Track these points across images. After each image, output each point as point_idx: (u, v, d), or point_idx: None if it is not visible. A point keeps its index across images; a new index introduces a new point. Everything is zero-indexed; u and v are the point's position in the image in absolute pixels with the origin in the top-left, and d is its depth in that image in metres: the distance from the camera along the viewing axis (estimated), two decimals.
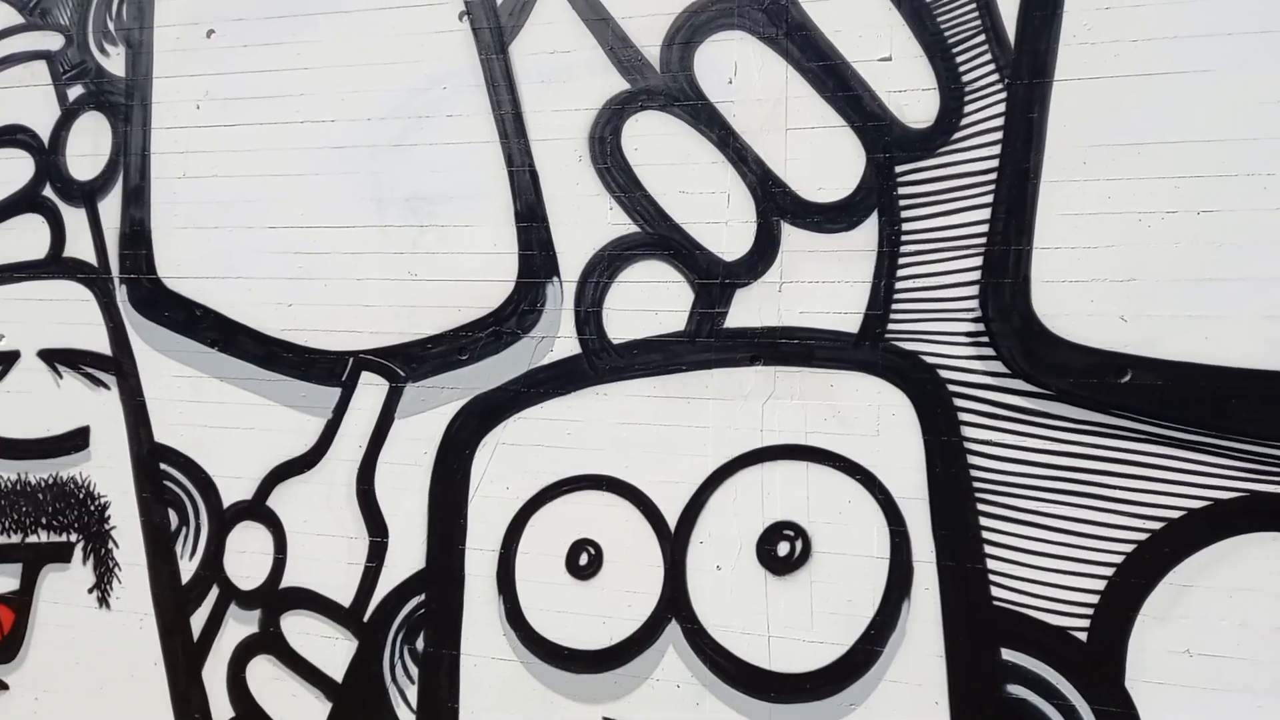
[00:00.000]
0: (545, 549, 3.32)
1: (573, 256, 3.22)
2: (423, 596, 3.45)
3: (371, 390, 3.49)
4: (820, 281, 2.97)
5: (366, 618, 3.51)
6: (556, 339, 3.24)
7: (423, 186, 3.38)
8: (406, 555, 3.47)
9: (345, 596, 3.54)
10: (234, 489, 3.66)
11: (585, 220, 3.20)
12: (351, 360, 3.51)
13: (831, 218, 2.94)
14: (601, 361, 3.21)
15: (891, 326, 2.91)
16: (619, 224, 3.16)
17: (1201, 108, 2.60)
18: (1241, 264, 2.60)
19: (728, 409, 3.09)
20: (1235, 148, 2.58)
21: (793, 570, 3.05)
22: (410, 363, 3.44)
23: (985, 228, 2.80)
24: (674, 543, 3.16)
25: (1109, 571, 2.75)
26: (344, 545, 3.54)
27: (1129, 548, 2.72)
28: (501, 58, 3.23)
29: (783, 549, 3.06)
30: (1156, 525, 2.70)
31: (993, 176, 2.78)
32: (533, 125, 3.22)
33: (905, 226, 2.88)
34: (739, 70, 2.98)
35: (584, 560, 3.27)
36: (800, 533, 3.04)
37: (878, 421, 2.95)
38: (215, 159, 3.66)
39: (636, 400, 3.19)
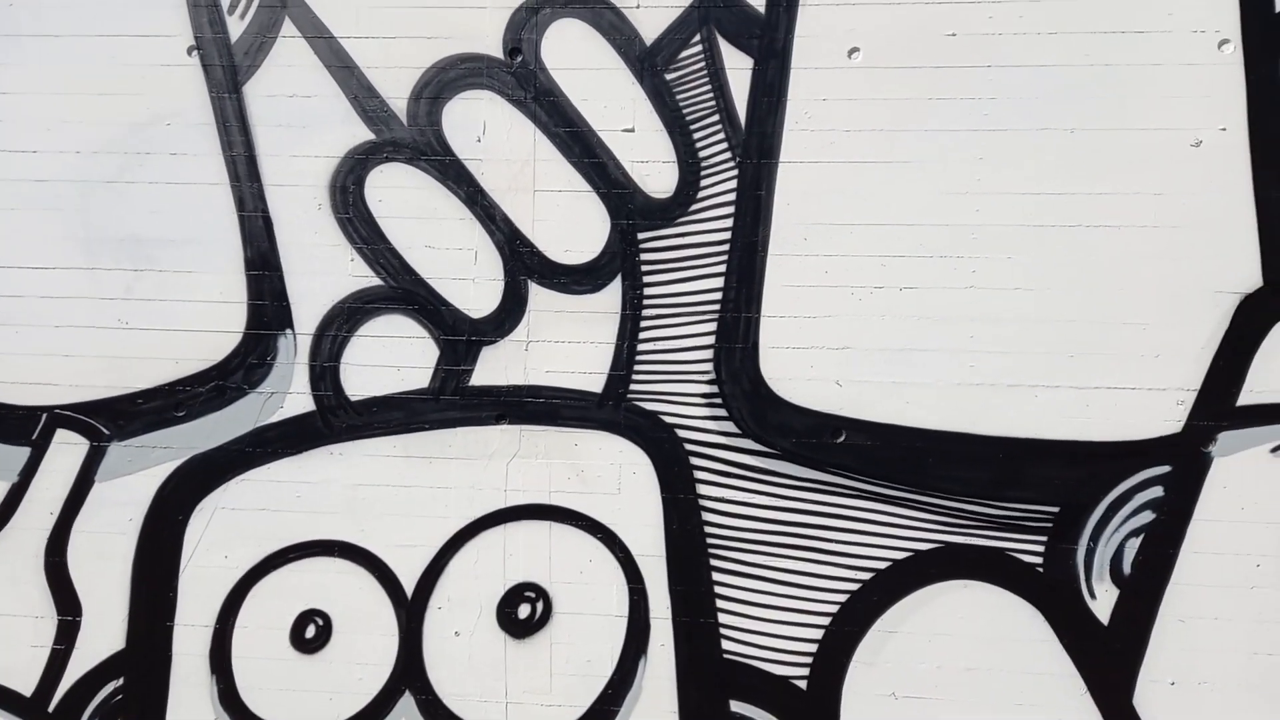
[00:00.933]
0: (267, 622, 3.02)
1: (309, 308, 2.99)
2: (121, 681, 3.02)
3: (67, 450, 3.05)
4: (566, 341, 2.95)
5: (52, 708, 3.03)
6: (288, 395, 2.99)
7: (141, 228, 3.04)
8: (103, 635, 3.04)
9: (27, 684, 3.04)
10: None
11: (324, 271, 2.99)
12: (45, 416, 3.06)
13: (577, 279, 2.94)
14: (338, 419, 2.99)
15: (634, 387, 2.93)
16: (360, 276, 2.98)
17: (903, 195, 2.84)
18: (936, 336, 2.84)
19: (471, 469, 2.97)
20: (930, 232, 2.83)
21: (533, 633, 2.95)
22: (117, 420, 3.04)
23: (719, 295, 2.89)
24: (410, 609, 2.97)
25: (826, 621, 2.87)
26: (29, 626, 3.05)
27: (843, 597, 2.87)
28: (235, 97, 2.99)
29: (523, 611, 2.95)
30: (866, 575, 2.86)
31: (726, 247, 2.89)
32: (268, 169, 2.99)
33: (647, 291, 2.92)
34: (488, 129, 2.93)
35: (311, 632, 3.00)
36: (541, 594, 2.95)
37: (619, 480, 2.94)
38: None
39: (375, 460, 3.00)
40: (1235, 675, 2.77)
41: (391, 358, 2.97)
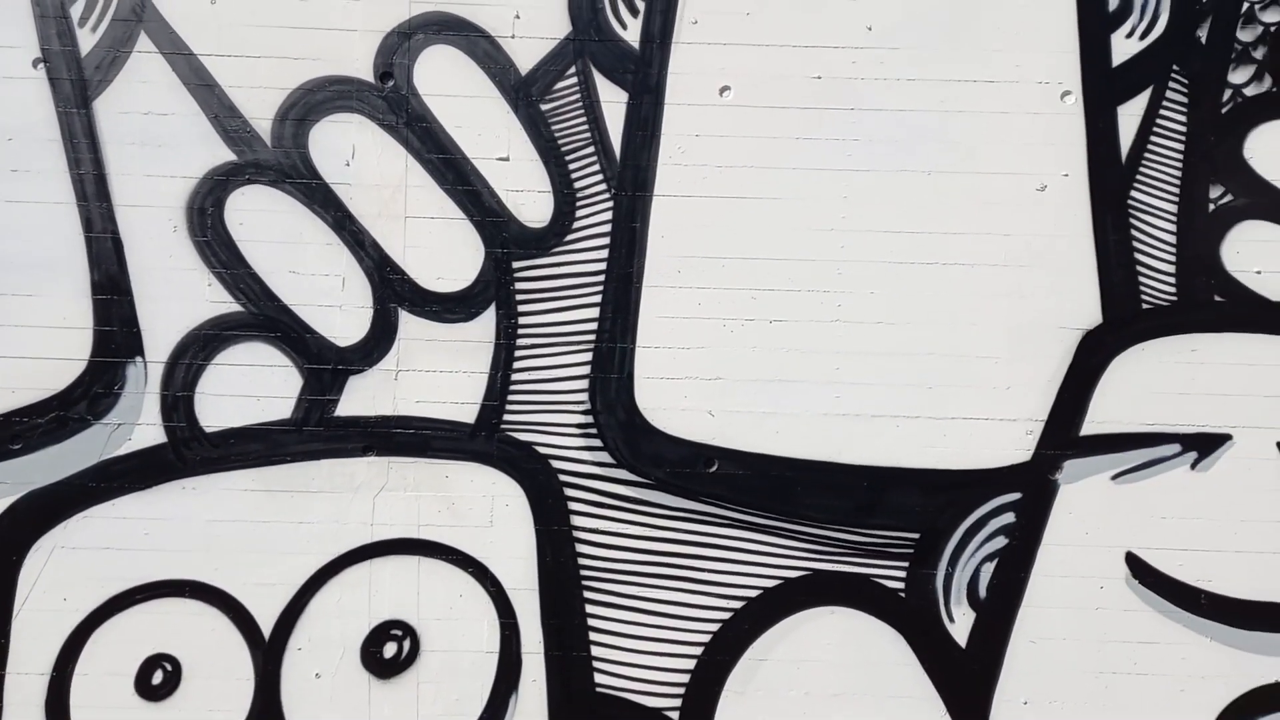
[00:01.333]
0: (110, 668, 2.80)
1: (161, 335, 2.81)
2: None
3: None
4: (438, 371, 2.86)
5: None
6: (136, 426, 2.80)
7: None
8: None
9: None
10: None
11: (178, 296, 2.82)
12: None
13: (450, 308, 2.86)
14: (191, 452, 2.81)
15: (507, 417, 2.86)
16: (219, 302, 2.82)
17: (773, 231, 2.89)
18: (804, 368, 2.88)
19: (336, 502, 2.84)
20: (799, 267, 2.89)
21: (399, 672, 2.83)
22: None
23: (595, 325, 2.87)
24: (268, 651, 2.80)
25: (698, 651, 2.86)
26: None
27: (715, 627, 2.86)
28: (84, 112, 2.80)
29: (389, 650, 2.83)
30: (738, 604, 2.86)
31: (601, 278, 2.87)
32: (119, 189, 2.81)
33: (522, 320, 2.86)
34: (357, 154, 2.84)
35: (158, 678, 2.79)
36: (409, 631, 2.83)
37: (491, 512, 2.86)
38: None
39: (232, 495, 2.83)
40: (1083, 694, 2.88)
41: (251, 387, 2.82)
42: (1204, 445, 2.85)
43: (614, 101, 2.86)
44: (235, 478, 2.83)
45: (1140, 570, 2.85)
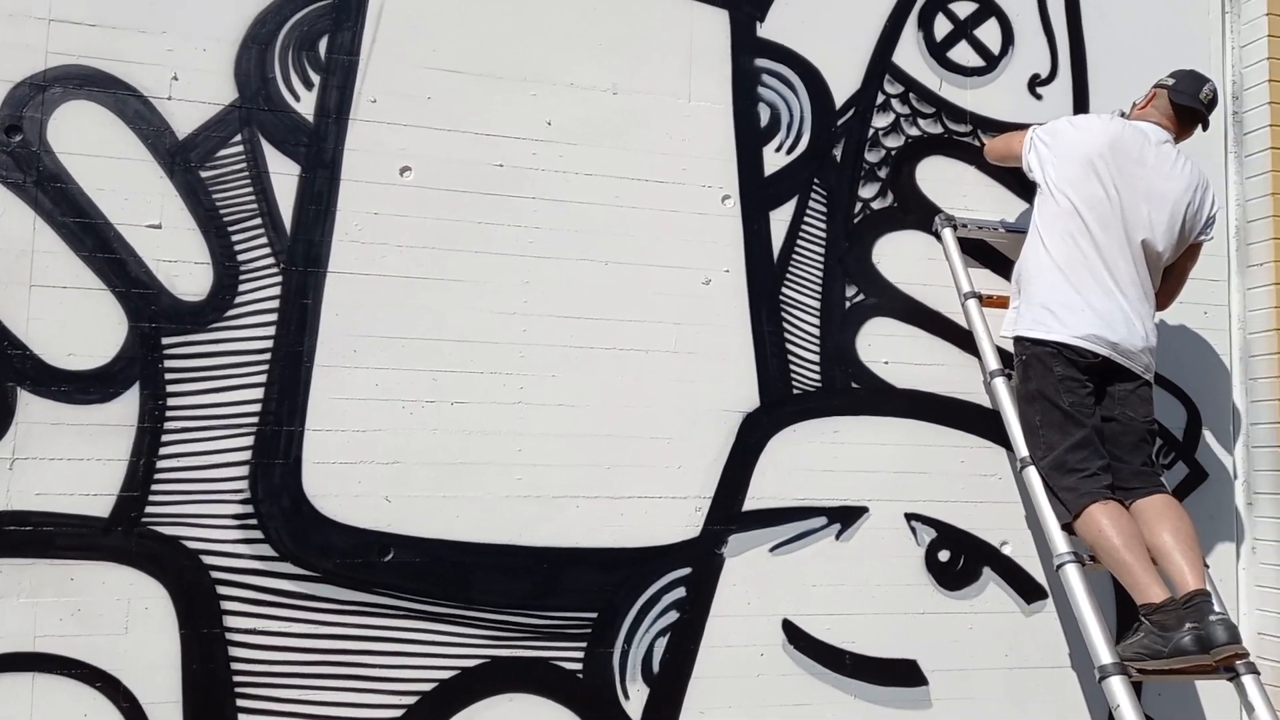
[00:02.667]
0: None
1: None
2: None
3: None
4: (65, 458, 2.46)
5: None
6: None
7: None
8: None
9: None
10: None
11: None
12: None
13: (83, 388, 2.48)
14: None
15: (150, 509, 2.51)
16: None
17: (455, 312, 2.80)
18: (485, 450, 2.78)
19: None
20: (481, 349, 2.81)
21: None
22: None
23: (258, 407, 2.61)
24: None
25: None
26: None
27: None
28: None
29: None
30: (412, 700, 2.65)
31: (267, 356, 2.63)
32: None
33: (171, 402, 2.54)
34: None
35: None
36: None
37: (127, 618, 2.47)
38: None
39: None
40: None
41: None
42: (846, 517, 3.07)
43: (285, 174, 2.67)
44: None
45: (795, 636, 2.99)
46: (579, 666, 2.80)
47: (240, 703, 2.53)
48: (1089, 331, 2.72)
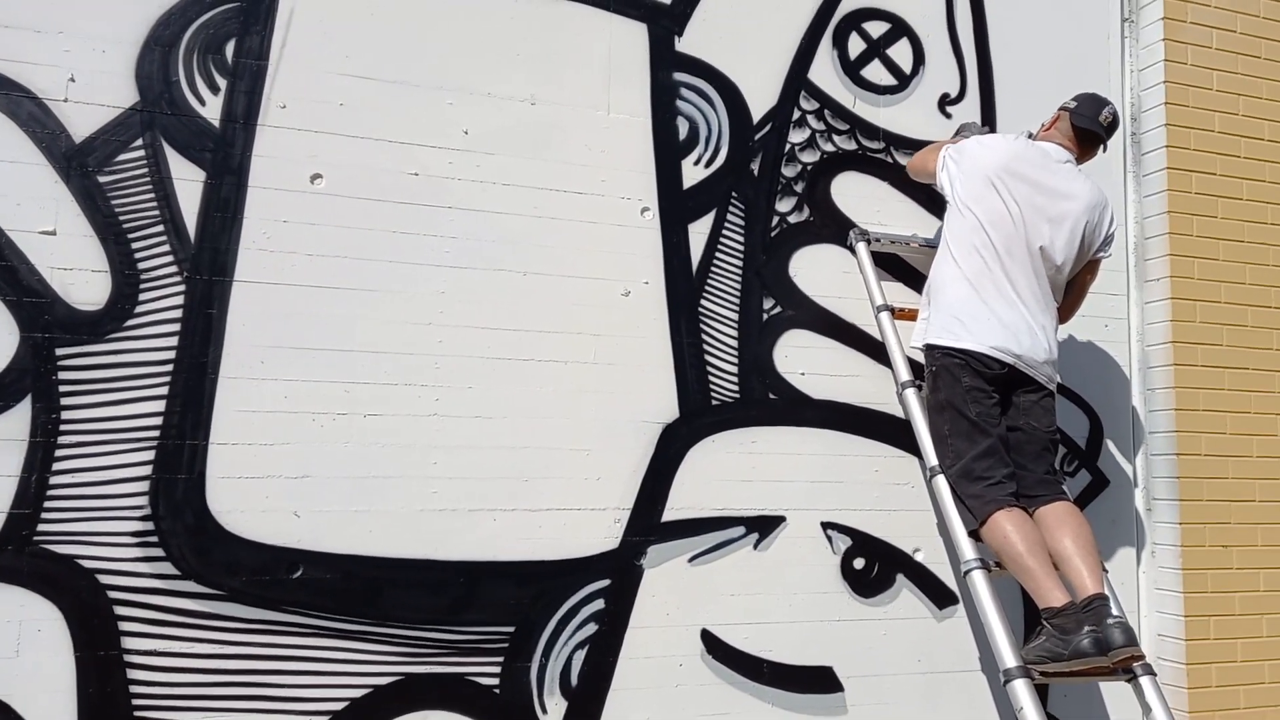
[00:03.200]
0: None
1: None
2: None
3: None
4: None
5: None
6: None
7: None
8: None
9: None
10: None
11: None
12: None
13: None
14: None
15: (43, 527, 2.40)
16: None
17: (368, 323, 2.74)
18: (399, 463, 2.74)
19: None
20: (396, 360, 2.76)
21: None
22: None
23: (160, 420, 2.52)
24: None
25: None
26: None
27: None
28: None
29: None
30: None
31: (169, 368, 2.54)
32: None
33: (66, 415, 2.44)
34: None
35: None
36: None
37: (18, 640, 2.36)
38: None
39: None
40: None
41: None
42: (764, 526, 3.09)
43: (189, 180, 2.59)
44: None
45: (713, 646, 3.00)
46: (495, 682, 2.76)
47: None
48: (996, 342, 2.79)
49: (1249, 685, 3.44)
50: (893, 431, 3.23)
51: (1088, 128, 3.03)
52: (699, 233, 3.14)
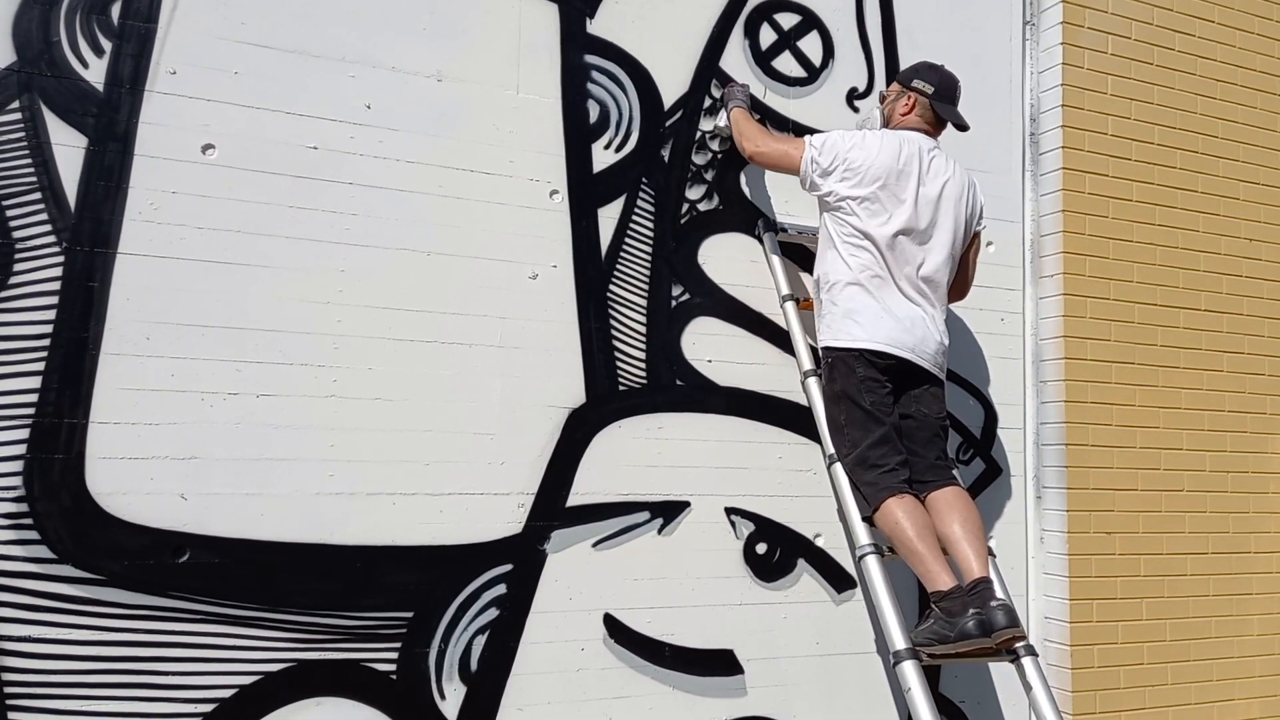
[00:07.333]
0: None
1: None
2: None
3: None
4: None
5: None
6: None
7: None
8: None
9: None
10: None
11: None
12: None
13: None
14: None
15: None
16: None
17: (262, 300, 2.67)
18: (294, 445, 2.67)
19: None
20: (291, 339, 2.69)
21: None
22: None
23: (35, 397, 2.41)
24: None
25: None
26: None
27: None
28: None
29: None
30: (209, 708, 2.51)
31: (46, 343, 2.43)
32: None
33: None
34: None
35: None
36: None
37: None
38: None
39: None
40: None
41: None
42: (668, 512, 3.12)
43: (69, 145, 2.47)
44: None
45: (616, 630, 3.01)
46: (393, 667, 2.73)
47: (13, 715, 2.32)
48: (889, 338, 2.85)
49: (1129, 666, 3.62)
50: (796, 418, 3.29)
51: (958, 122, 3.02)
52: (609, 218, 3.14)
